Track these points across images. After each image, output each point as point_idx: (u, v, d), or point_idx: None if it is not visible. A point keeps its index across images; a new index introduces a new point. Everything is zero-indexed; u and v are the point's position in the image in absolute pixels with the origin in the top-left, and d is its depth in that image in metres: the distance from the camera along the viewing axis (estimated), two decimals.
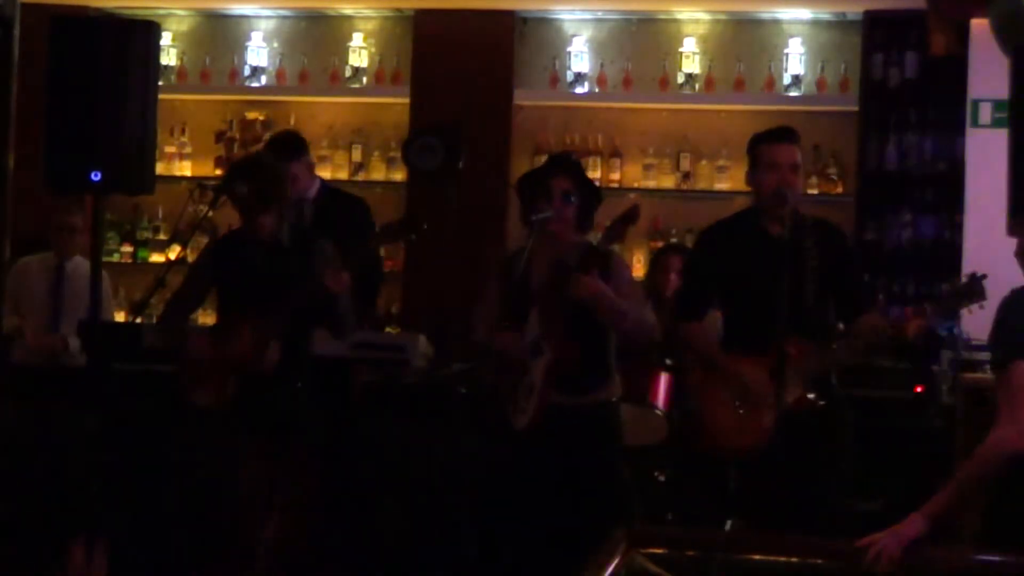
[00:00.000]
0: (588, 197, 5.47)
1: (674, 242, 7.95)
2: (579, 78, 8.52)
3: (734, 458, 5.23)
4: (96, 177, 5.85)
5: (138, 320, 7.31)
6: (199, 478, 6.02)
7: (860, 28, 8.20)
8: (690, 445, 5.66)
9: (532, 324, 5.34)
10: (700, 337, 5.43)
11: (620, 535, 3.37)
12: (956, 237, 7.83)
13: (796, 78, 8.32)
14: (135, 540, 5.79)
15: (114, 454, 5.75)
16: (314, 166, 7.11)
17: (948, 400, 6.55)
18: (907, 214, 8.08)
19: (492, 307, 5.47)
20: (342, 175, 8.64)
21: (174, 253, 7.69)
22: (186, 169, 8.82)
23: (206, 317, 8.11)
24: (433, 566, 6.26)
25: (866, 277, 7.54)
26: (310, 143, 6.96)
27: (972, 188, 7.63)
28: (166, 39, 8.64)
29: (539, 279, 5.41)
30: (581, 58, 8.54)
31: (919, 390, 6.61)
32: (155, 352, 6.56)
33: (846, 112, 8.24)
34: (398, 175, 8.65)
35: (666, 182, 8.47)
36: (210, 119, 8.91)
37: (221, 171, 8.68)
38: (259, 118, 8.83)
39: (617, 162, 8.50)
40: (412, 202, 8.43)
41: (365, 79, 8.72)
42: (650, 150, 8.50)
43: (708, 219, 8.31)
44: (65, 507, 2.58)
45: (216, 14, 8.97)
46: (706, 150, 8.46)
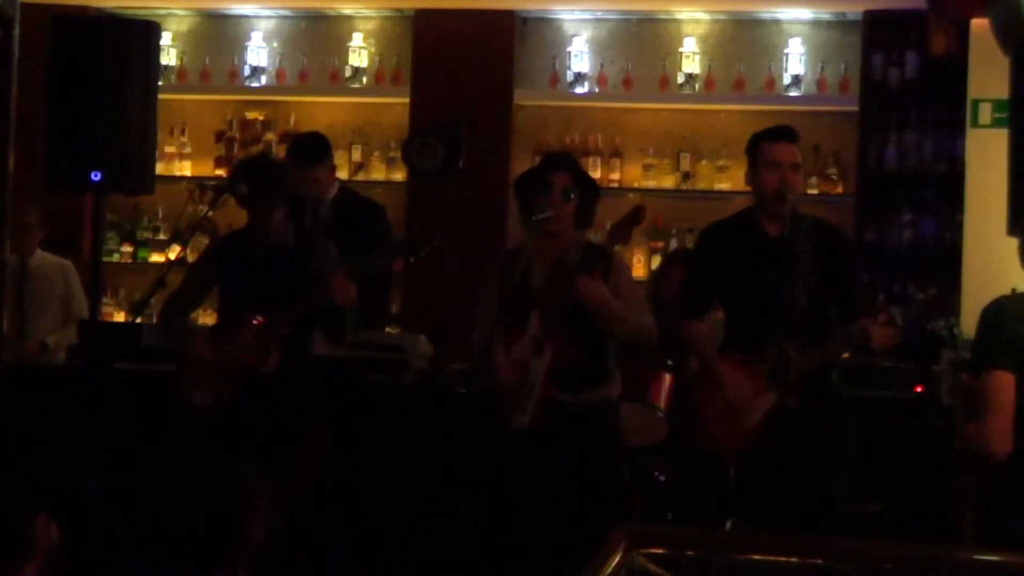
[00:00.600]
0: (587, 193, 5.47)
1: (678, 249, 7.92)
2: (579, 78, 8.52)
3: (724, 457, 5.23)
4: (96, 177, 5.86)
5: (138, 320, 7.31)
6: (195, 477, 6.01)
7: (860, 28, 8.19)
8: (685, 445, 5.66)
9: (532, 324, 5.34)
10: (698, 336, 5.42)
11: (620, 535, 3.37)
12: (956, 237, 7.83)
13: (796, 78, 8.31)
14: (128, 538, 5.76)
15: (112, 453, 5.75)
16: (335, 169, 7.13)
17: (948, 400, 6.55)
18: (907, 214, 8.08)
19: (490, 310, 5.46)
20: (342, 175, 8.59)
21: (174, 253, 7.69)
22: (186, 169, 8.82)
23: (206, 317, 8.11)
24: (433, 566, 6.26)
25: (866, 278, 7.59)
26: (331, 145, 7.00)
27: (972, 188, 7.62)
28: (166, 39, 8.63)
29: (540, 278, 5.40)
30: (581, 58, 8.53)
31: (919, 390, 6.61)
32: (155, 352, 6.56)
33: (846, 112, 8.24)
34: (398, 175, 8.65)
35: (666, 182, 8.47)
36: (210, 119, 8.91)
37: (221, 171, 8.69)
38: (259, 118, 8.83)
39: (617, 162, 8.49)
40: (412, 202, 8.43)
41: (365, 79, 8.72)
42: (650, 150, 8.49)
43: (708, 219, 8.30)
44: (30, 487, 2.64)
45: (216, 14, 8.97)
46: (706, 150, 8.46)
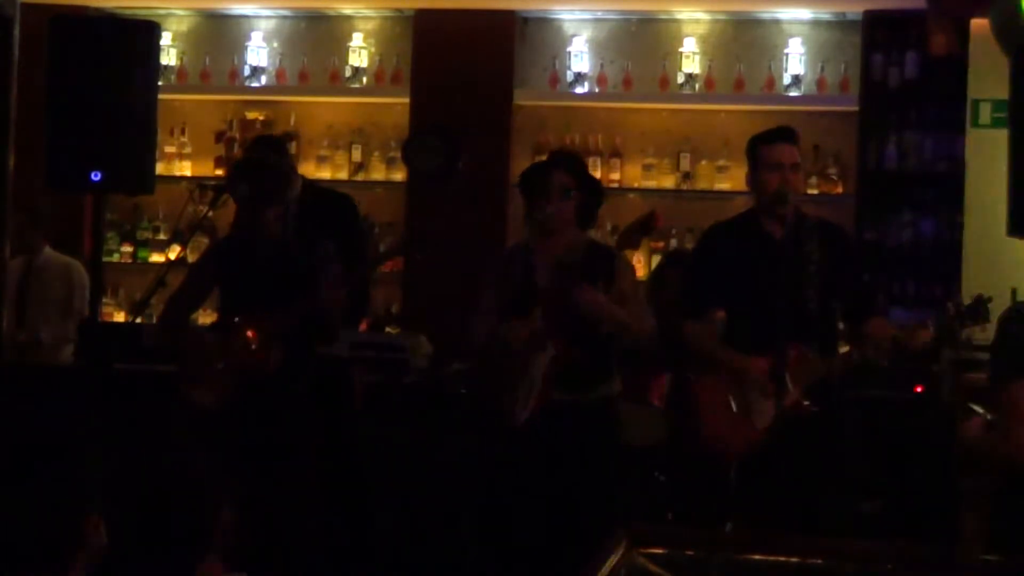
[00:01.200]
0: (589, 194, 5.47)
1: (675, 251, 7.91)
2: (579, 78, 8.52)
3: (730, 457, 5.23)
4: (96, 177, 5.86)
5: (138, 320, 7.31)
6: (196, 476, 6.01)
7: (860, 28, 8.19)
8: (688, 446, 5.66)
9: (535, 320, 5.35)
10: (700, 336, 5.42)
11: (620, 535, 3.36)
12: (956, 237, 7.83)
13: (796, 78, 8.31)
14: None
15: (112, 453, 5.74)
16: (294, 166, 7.13)
17: (948, 400, 6.55)
18: (907, 214, 8.08)
19: (491, 306, 5.47)
20: (342, 175, 8.64)
21: (174, 253, 7.69)
22: (186, 169, 8.82)
23: (206, 317, 8.11)
24: (433, 566, 6.26)
25: (866, 278, 7.59)
26: (310, 143, 6.97)
27: (972, 188, 7.63)
28: (166, 39, 8.63)
29: (542, 276, 5.41)
30: (581, 58, 8.53)
31: (919, 390, 6.61)
32: (155, 352, 6.56)
33: (846, 112, 8.24)
34: (398, 175, 8.64)
35: (666, 182, 8.47)
36: (210, 119, 8.91)
37: (221, 171, 8.69)
38: (259, 118, 8.82)
39: (617, 162, 8.49)
40: (412, 202, 8.44)
41: (365, 79, 8.71)
42: (650, 150, 8.49)
43: (708, 219, 8.29)
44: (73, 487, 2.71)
45: (216, 14, 8.97)
46: (706, 150, 8.46)
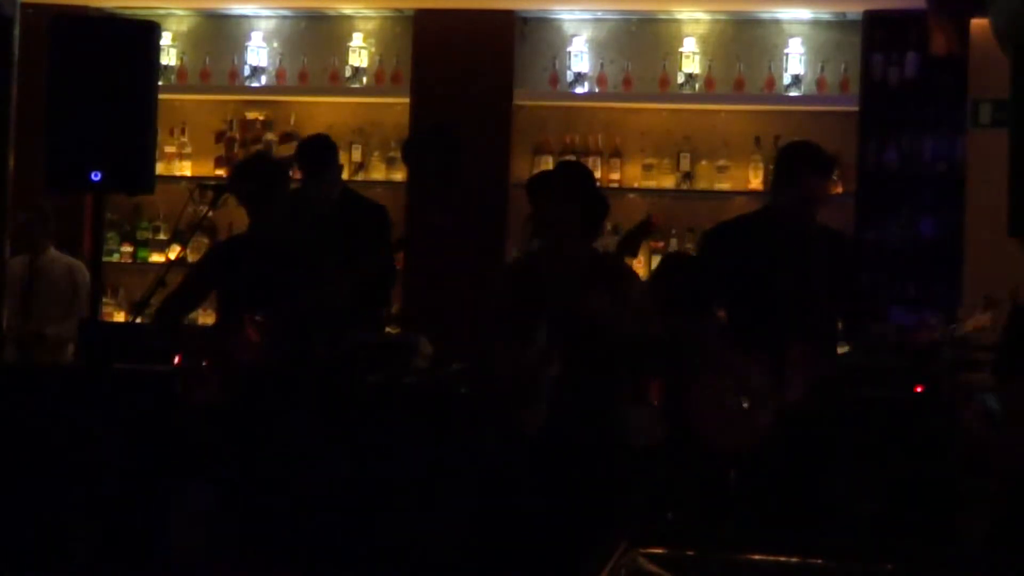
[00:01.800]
0: (594, 204, 5.47)
1: (672, 254, 7.91)
2: (579, 78, 8.52)
3: (730, 457, 5.23)
4: (96, 177, 5.86)
5: (138, 320, 7.31)
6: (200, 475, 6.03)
7: (860, 28, 8.19)
8: (688, 445, 5.66)
9: (542, 333, 5.38)
10: (701, 334, 5.43)
11: (620, 535, 3.37)
12: (956, 237, 7.84)
13: (796, 78, 8.31)
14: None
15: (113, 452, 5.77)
16: (342, 170, 7.12)
17: (948, 400, 6.55)
18: (907, 214, 8.08)
19: (501, 318, 5.50)
20: (342, 175, 8.62)
21: (174, 253, 7.69)
22: (186, 169, 8.82)
23: (206, 317, 8.11)
24: (433, 566, 6.26)
25: (866, 278, 7.58)
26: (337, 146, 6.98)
27: (972, 188, 7.63)
28: (166, 39, 8.64)
29: (549, 289, 5.43)
30: (581, 58, 8.53)
31: (919, 390, 6.60)
32: (155, 352, 6.56)
33: (846, 112, 8.24)
34: (398, 175, 8.65)
35: (666, 182, 8.47)
36: (210, 119, 8.91)
37: (221, 171, 8.69)
38: (259, 118, 8.83)
39: (617, 162, 8.49)
40: (412, 202, 8.43)
41: (365, 79, 8.72)
42: (650, 150, 8.49)
43: (708, 219, 8.32)
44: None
45: (216, 14, 8.97)
46: (706, 150, 8.46)
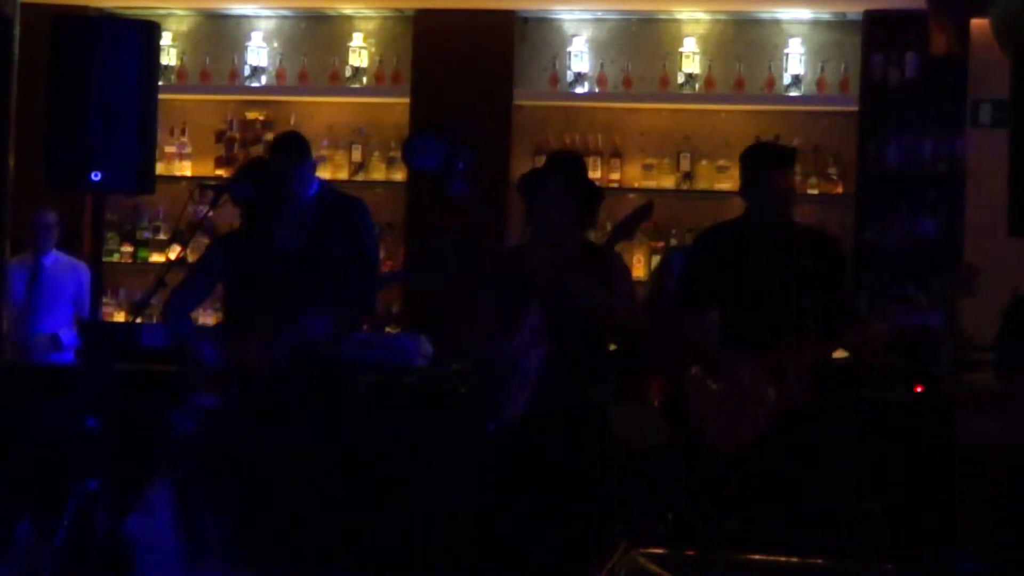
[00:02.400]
0: (587, 196, 5.48)
1: (675, 244, 7.93)
2: (579, 78, 8.52)
3: (727, 455, 5.24)
4: (96, 177, 5.85)
5: (138, 320, 7.32)
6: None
7: (860, 28, 8.19)
8: (686, 444, 5.66)
9: (531, 317, 5.36)
10: (698, 332, 5.43)
11: (620, 535, 3.37)
12: (956, 237, 7.84)
13: (796, 78, 8.31)
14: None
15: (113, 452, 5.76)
16: (315, 166, 7.10)
17: (948, 400, 6.55)
18: (907, 214, 8.08)
19: (490, 306, 5.49)
20: (342, 175, 8.64)
21: (174, 253, 7.68)
22: (186, 169, 8.82)
23: (206, 317, 8.12)
24: (433, 566, 6.26)
25: (866, 278, 7.59)
26: (310, 143, 6.94)
27: (972, 188, 7.63)
28: (166, 39, 8.64)
29: (540, 275, 5.42)
30: (581, 58, 8.53)
31: (919, 390, 6.61)
32: (155, 352, 6.56)
33: (846, 112, 8.24)
34: (398, 175, 8.65)
35: (666, 182, 8.47)
36: (210, 119, 8.91)
37: (221, 171, 8.69)
38: (259, 118, 8.83)
39: (617, 162, 8.49)
40: (412, 202, 8.44)
41: (365, 79, 8.72)
42: (650, 150, 8.49)
43: (708, 219, 8.30)
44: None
45: (216, 14, 8.97)
46: (706, 150, 8.46)
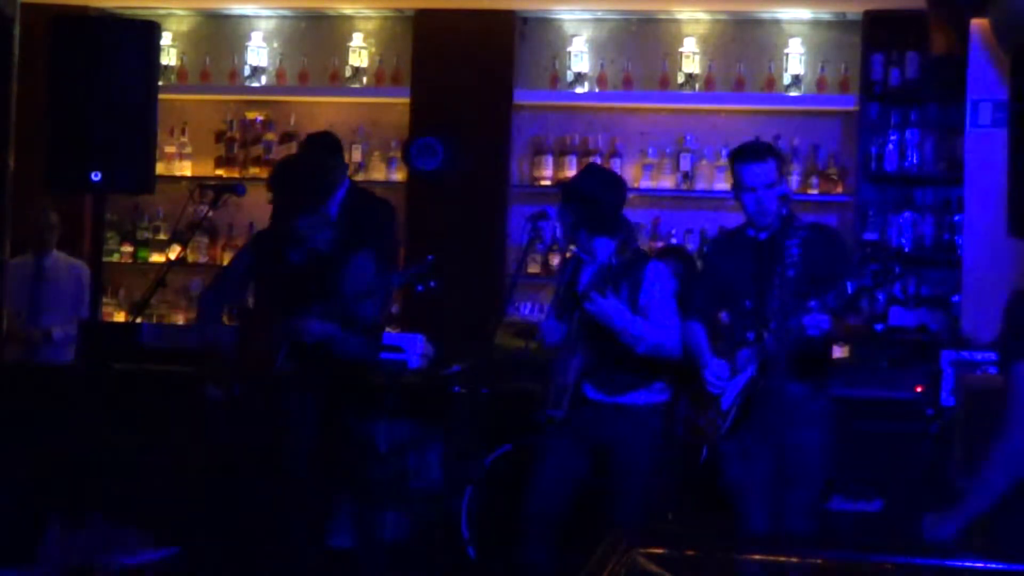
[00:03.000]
0: (604, 204, 5.47)
1: (674, 244, 7.93)
2: (579, 78, 8.52)
3: (701, 443, 5.28)
4: (96, 177, 5.86)
5: (138, 320, 7.32)
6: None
7: (860, 28, 8.19)
8: (688, 445, 5.67)
9: (575, 324, 5.46)
10: (694, 336, 5.43)
11: (620, 534, 3.37)
12: (956, 237, 7.84)
13: (796, 78, 8.31)
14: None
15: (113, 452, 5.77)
16: (347, 167, 7.10)
17: (948, 400, 6.56)
18: (907, 214, 8.08)
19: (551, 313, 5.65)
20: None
21: (174, 253, 7.70)
22: (186, 169, 8.82)
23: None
24: (433, 566, 6.27)
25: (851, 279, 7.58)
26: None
27: (972, 188, 7.63)
28: (166, 39, 8.64)
29: (582, 282, 5.52)
30: (581, 58, 8.53)
31: (919, 390, 6.61)
32: (155, 352, 6.58)
33: (846, 112, 8.25)
34: (398, 175, 8.65)
35: (666, 182, 8.47)
36: (210, 119, 8.91)
37: (221, 171, 8.70)
38: (259, 118, 8.83)
39: (617, 162, 8.48)
40: (412, 202, 8.44)
41: (365, 79, 8.72)
42: (650, 150, 8.50)
43: (708, 220, 8.34)
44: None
45: (216, 14, 8.97)
46: (706, 150, 8.46)
